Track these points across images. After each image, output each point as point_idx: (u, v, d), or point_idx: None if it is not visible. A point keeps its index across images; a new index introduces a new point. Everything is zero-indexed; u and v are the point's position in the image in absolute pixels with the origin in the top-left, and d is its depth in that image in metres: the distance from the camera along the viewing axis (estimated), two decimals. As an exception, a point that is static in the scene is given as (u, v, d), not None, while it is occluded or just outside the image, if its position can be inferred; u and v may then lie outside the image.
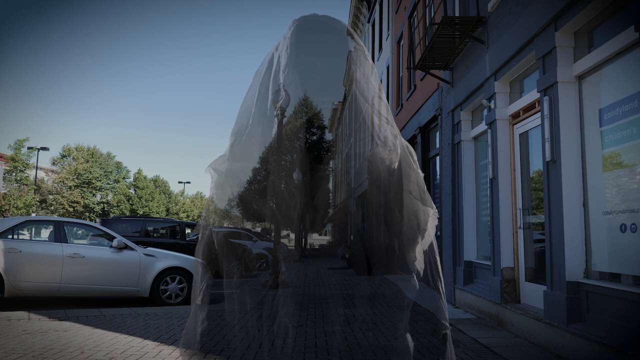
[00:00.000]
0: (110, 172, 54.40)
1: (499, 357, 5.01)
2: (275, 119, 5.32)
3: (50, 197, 47.74)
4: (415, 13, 13.19)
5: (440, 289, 3.43)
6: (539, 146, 5.90)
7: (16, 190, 35.89)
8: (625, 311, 4.21)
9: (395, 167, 3.66)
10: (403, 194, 3.62)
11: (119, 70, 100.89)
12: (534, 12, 5.69)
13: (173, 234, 14.98)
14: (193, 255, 10.02)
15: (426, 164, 12.11)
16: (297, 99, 5.57)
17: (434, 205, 3.59)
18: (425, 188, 3.63)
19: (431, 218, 3.51)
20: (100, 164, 52.73)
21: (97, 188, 51.94)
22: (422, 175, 3.63)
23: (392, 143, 3.66)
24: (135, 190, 55.69)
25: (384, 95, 3.88)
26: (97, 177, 51.42)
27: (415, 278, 3.47)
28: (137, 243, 9.36)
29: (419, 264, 3.41)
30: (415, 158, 3.69)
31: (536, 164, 6.38)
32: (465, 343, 5.60)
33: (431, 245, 3.50)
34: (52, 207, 47.63)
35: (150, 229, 14.59)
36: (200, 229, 4.58)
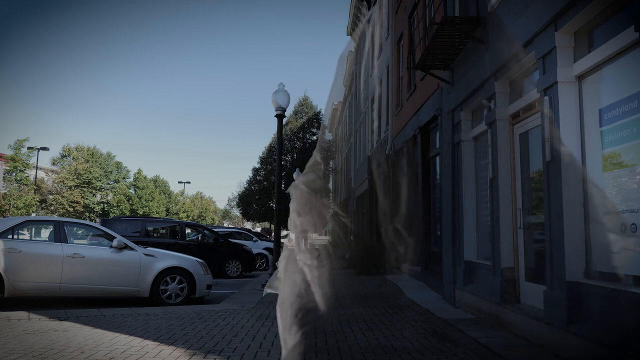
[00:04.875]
0: (110, 172, 54.38)
1: (499, 357, 5.01)
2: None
3: (50, 197, 47.73)
4: (415, 13, 13.19)
5: None
6: (539, 146, 5.90)
7: (16, 190, 35.84)
8: (626, 311, 4.20)
9: None
10: None
11: (119, 70, 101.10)
12: (534, 12, 5.68)
13: (173, 234, 14.98)
14: (193, 255, 10.06)
15: (426, 164, 12.10)
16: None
17: None
18: None
19: None
20: (100, 164, 52.72)
21: (97, 188, 51.93)
22: None
23: None
24: (135, 190, 55.68)
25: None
26: (97, 177, 51.41)
27: None
28: (137, 243, 9.35)
29: None
30: None
31: (536, 164, 6.38)
32: (465, 343, 5.60)
33: None
34: (52, 207, 47.62)
35: (150, 229, 14.59)
36: None
